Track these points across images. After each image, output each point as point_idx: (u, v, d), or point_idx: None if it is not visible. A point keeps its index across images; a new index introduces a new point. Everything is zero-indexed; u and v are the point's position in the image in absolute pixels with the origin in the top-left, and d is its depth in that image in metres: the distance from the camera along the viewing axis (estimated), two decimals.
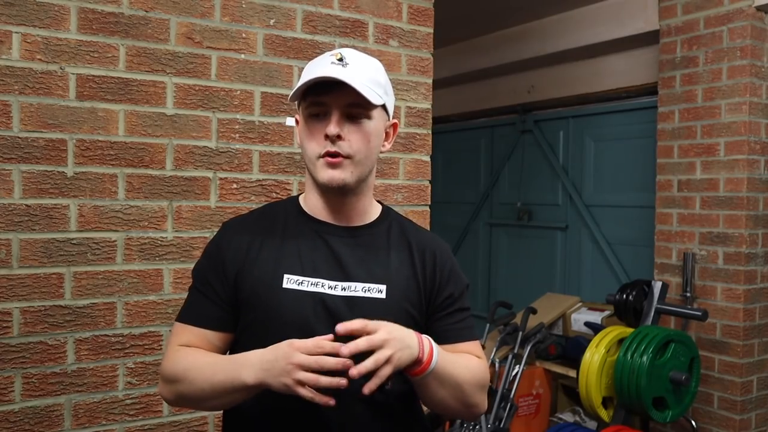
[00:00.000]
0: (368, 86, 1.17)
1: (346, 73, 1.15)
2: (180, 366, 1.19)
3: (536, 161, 5.00)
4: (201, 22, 1.91)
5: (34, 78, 1.70)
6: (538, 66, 4.81)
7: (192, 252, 1.90)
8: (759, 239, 3.22)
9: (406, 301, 1.23)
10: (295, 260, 1.21)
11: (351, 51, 1.22)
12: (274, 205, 1.35)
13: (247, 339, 1.21)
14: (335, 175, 1.18)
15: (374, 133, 1.21)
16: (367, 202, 1.28)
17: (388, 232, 1.29)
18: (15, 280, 1.69)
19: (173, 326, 1.26)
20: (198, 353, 1.21)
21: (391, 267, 1.24)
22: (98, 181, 1.78)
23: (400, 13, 2.23)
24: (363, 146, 1.19)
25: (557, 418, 3.80)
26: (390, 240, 1.28)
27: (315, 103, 1.18)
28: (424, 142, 2.30)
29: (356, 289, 1.20)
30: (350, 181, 1.19)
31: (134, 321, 1.83)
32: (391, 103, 1.26)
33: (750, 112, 3.15)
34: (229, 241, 1.25)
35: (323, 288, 1.19)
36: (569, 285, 4.68)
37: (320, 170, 1.19)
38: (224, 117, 1.95)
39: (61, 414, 1.75)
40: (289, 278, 1.19)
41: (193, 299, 1.26)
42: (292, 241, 1.23)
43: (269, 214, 1.30)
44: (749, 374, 3.21)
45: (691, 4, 3.36)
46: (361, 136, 1.18)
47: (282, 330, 1.14)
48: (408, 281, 1.25)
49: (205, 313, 1.23)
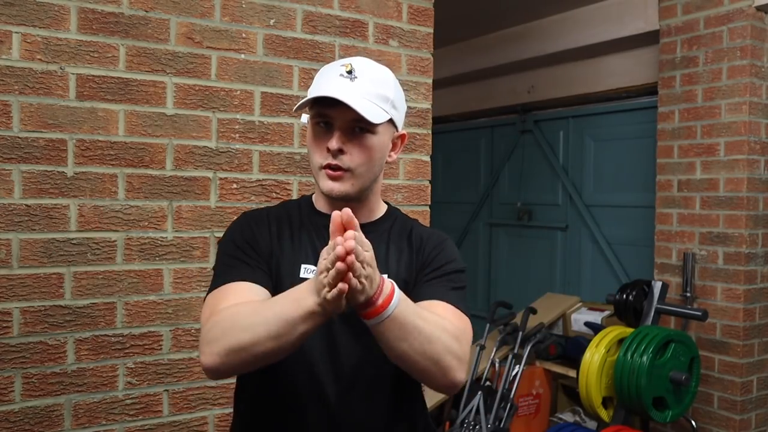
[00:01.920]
0: (374, 103, 1.18)
1: (351, 89, 1.16)
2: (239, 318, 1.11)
3: (536, 161, 5.00)
4: (201, 22, 1.91)
5: (34, 78, 1.70)
6: (538, 66, 4.81)
7: (192, 252, 1.90)
8: (759, 239, 3.22)
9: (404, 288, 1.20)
10: (310, 252, 1.26)
11: (362, 61, 1.23)
12: (289, 203, 1.40)
13: None
14: (335, 187, 1.21)
15: (378, 148, 1.23)
16: (372, 204, 1.33)
17: (390, 229, 1.33)
18: (15, 280, 1.69)
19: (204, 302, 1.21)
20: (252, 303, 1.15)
21: (390, 259, 1.29)
22: (98, 181, 1.78)
23: (400, 13, 2.23)
24: (365, 161, 1.21)
25: (557, 418, 3.80)
26: (391, 235, 1.32)
27: (320, 114, 1.20)
28: (424, 142, 2.30)
29: None
30: (351, 193, 1.22)
31: (134, 321, 1.83)
32: (400, 116, 1.27)
33: (750, 112, 3.15)
34: (257, 224, 1.28)
35: None
36: (569, 285, 4.68)
37: (322, 180, 1.22)
38: (224, 117, 1.95)
39: (61, 414, 1.75)
40: (306, 268, 1.24)
41: (231, 265, 1.23)
42: (306, 234, 1.28)
43: (285, 210, 1.34)
44: (749, 374, 3.21)
45: (691, 4, 3.36)
46: (363, 151, 1.20)
47: None
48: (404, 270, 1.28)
49: (250, 274, 1.21)
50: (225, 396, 1.94)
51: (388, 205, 1.38)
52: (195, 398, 1.91)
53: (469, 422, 3.17)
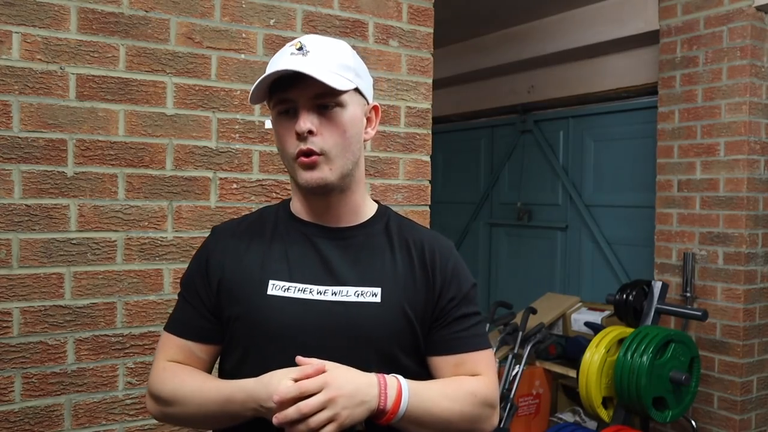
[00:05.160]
0: (334, 72, 1.07)
1: (306, 62, 1.06)
2: (166, 388, 1.13)
3: (536, 161, 5.00)
4: (201, 22, 1.91)
5: (34, 78, 1.70)
6: (538, 66, 4.81)
7: (192, 252, 1.89)
8: (759, 239, 3.22)
9: (405, 304, 1.13)
10: (283, 265, 1.14)
11: (312, 37, 1.14)
12: (266, 210, 1.27)
13: (233, 350, 1.16)
14: (313, 176, 1.09)
15: (350, 122, 1.11)
16: (358, 200, 1.19)
17: (384, 232, 1.19)
18: (15, 280, 1.69)
19: (161, 334, 1.22)
20: (185, 373, 1.15)
21: (387, 268, 1.15)
22: (98, 181, 1.78)
23: (400, 13, 2.23)
24: (338, 139, 1.09)
25: (557, 418, 3.80)
26: (386, 239, 1.18)
27: (281, 100, 1.10)
28: (424, 142, 2.30)
29: (348, 293, 1.11)
30: (331, 179, 1.10)
31: (134, 321, 1.83)
32: (366, 85, 1.16)
33: (750, 112, 3.15)
34: (214, 247, 1.19)
35: (311, 294, 1.11)
36: (569, 285, 4.68)
37: (298, 173, 1.11)
38: (224, 117, 1.95)
39: (61, 414, 1.75)
40: (274, 284, 1.12)
41: (178, 307, 1.21)
42: (279, 245, 1.16)
43: (260, 218, 1.23)
44: (749, 374, 3.21)
45: (691, 4, 3.36)
46: (334, 128, 1.09)
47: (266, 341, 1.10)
48: (406, 282, 1.14)
49: (189, 323, 1.18)
50: None
51: (379, 204, 1.25)
52: None
53: None
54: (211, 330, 1.17)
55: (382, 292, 1.12)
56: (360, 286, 1.12)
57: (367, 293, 1.12)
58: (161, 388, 1.14)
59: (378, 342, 1.11)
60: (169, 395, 1.13)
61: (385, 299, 1.12)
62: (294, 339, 1.09)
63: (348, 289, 1.12)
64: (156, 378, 1.16)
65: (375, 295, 1.12)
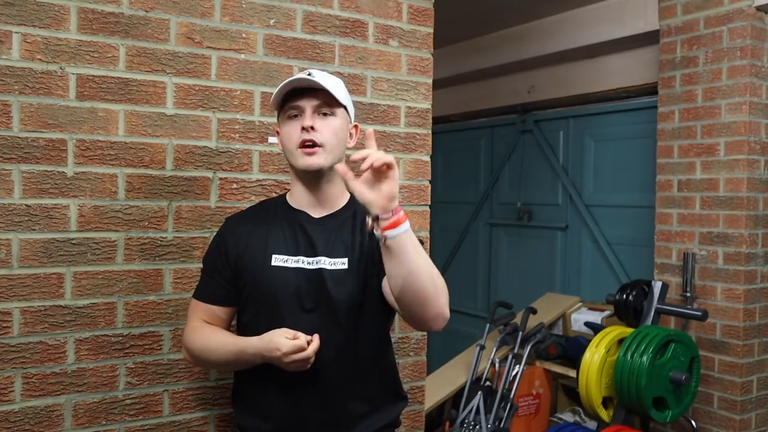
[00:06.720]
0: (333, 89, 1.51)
1: (314, 81, 1.49)
2: (197, 344, 1.58)
3: (536, 161, 5.00)
4: (201, 22, 1.91)
5: (34, 78, 1.70)
6: (538, 66, 4.81)
7: (192, 252, 1.90)
8: (759, 239, 3.22)
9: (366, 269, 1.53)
10: (281, 243, 1.56)
11: (318, 70, 1.57)
12: (268, 201, 1.73)
13: (249, 307, 1.58)
14: (312, 161, 1.50)
15: (340, 128, 1.54)
16: (338, 191, 1.60)
17: (351, 217, 1.59)
18: (15, 280, 1.69)
19: (191, 302, 1.66)
20: (210, 332, 1.58)
21: (350, 244, 1.55)
22: (98, 181, 1.78)
23: (400, 13, 2.23)
24: (332, 137, 1.51)
25: (557, 418, 3.81)
26: (351, 222, 1.58)
27: (292, 107, 1.53)
28: (424, 142, 2.30)
29: (325, 263, 1.53)
30: (324, 165, 1.51)
31: (134, 321, 1.83)
32: (351, 109, 1.60)
33: (750, 112, 3.15)
34: (230, 232, 1.62)
35: (303, 264, 1.54)
36: (569, 285, 4.68)
37: (299, 158, 1.51)
38: (224, 117, 1.95)
39: (61, 414, 1.75)
40: (276, 257, 1.54)
41: (203, 280, 1.65)
42: (278, 228, 1.58)
43: (262, 208, 1.68)
44: (749, 374, 3.21)
45: (691, 4, 3.36)
46: (329, 129, 1.52)
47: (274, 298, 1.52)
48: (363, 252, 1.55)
49: (213, 292, 1.61)
50: (225, 396, 1.94)
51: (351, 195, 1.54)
52: (195, 398, 1.91)
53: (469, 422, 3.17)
54: (229, 296, 1.60)
55: (348, 261, 1.54)
56: (332, 257, 1.54)
57: (338, 263, 1.54)
58: (192, 343, 1.59)
59: (348, 296, 1.52)
60: (198, 349, 1.58)
61: (350, 266, 1.54)
62: (292, 296, 1.52)
63: (325, 260, 1.54)
64: (189, 336, 1.61)
65: (343, 264, 1.54)
